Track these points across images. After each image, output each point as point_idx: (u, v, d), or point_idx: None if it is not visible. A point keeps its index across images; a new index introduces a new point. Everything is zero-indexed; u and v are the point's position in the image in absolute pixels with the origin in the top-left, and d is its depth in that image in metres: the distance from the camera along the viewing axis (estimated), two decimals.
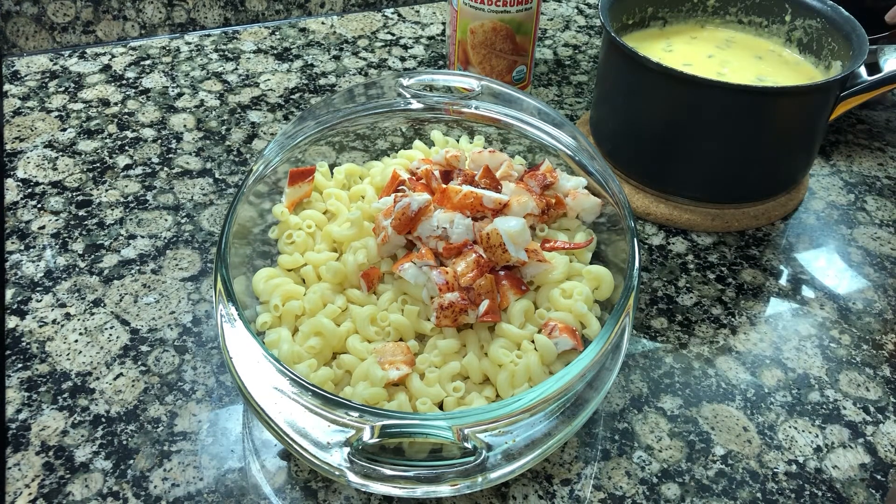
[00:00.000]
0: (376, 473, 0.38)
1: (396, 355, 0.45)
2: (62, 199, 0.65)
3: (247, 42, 0.86)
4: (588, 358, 0.41)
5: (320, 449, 0.39)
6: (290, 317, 0.49)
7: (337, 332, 0.47)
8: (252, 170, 0.52)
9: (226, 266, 0.45)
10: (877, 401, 0.53)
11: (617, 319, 0.43)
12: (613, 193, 0.52)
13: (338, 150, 0.64)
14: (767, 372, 0.54)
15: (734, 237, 0.65)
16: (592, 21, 0.95)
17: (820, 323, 0.58)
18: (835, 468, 0.49)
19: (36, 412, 0.49)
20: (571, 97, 0.80)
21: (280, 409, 0.40)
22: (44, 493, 0.45)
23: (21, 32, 0.81)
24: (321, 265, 0.51)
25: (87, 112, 0.74)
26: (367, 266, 0.50)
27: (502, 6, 0.69)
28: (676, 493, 0.47)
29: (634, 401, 0.52)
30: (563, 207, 0.55)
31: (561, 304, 0.49)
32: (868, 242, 0.65)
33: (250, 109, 0.76)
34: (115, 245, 0.61)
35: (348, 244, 0.52)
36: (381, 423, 0.38)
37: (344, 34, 0.89)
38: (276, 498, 0.45)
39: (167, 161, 0.69)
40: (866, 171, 0.73)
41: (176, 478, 0.46)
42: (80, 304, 0.56)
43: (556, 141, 0.56)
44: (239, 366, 0.41)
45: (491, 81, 0.58)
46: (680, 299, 0.59)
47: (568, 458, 0.48)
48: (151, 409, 0.49)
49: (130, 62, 0.82)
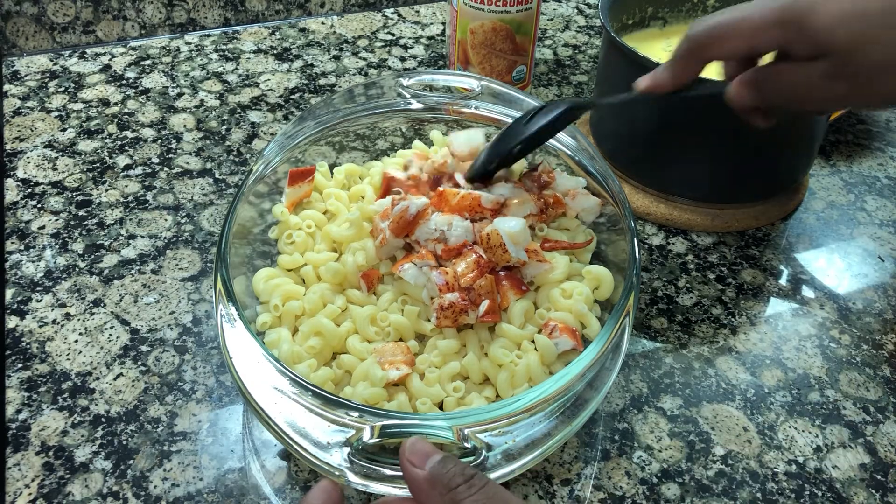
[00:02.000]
0: (376, 473, 0.38)
1: (396, 355, 0.45)
2: (62, 199, 0.65)
3: (247, 42, 0.86)
4: (588, 358, 0.41)
5: (320, 449, 0.39)
6: (290, 317, 0.49)
7: (337, 332, 0.47)
8: (252, 170, 0.52)
9: (226, 266, 0.45)
10: (877, 401, 0.53)
11: (617, 319, 0.43)
12: (613, 193, 0.52)
13: (338, 150, 0.64)
14: (767, 372, 0.54)
15: (734, 237, 0.65)
16: (592, 21, 0.95)
17: (820, 323, 0.58)
18: (835, 468, 0.49)
19: (36, 412, 0.49)
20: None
21: (280, 409, 0.40)
22: (44, 493, 0.45)
23: (21, 32, 0.81)
24: (321, 265, 0.51)
25: (87, 112, 0.74)
26: (367, 267, 0.50)
27: (502, 6, 0.69)
28: (676, 493, 0.47)
29: (634, 401, 0.52)
30: (562, 207, 0.55)
31: (561, 304, 0.49)
32: (868, 242, 0.65)
33: (250, 109, 0.76)
34: (115, 245, 0.61)
35: (347, 245, 0.52)
36: (380, 423, 0.38)
37: (344, 34, 0.89)
38: (276, 498, 0.45)
39: (167, 161, 0.69)
40: (866, 171, 0.73)
41: (176, 478, 0.46)
42: (80, 304, 0.56)
43: (556, 141, 0.56)
44: (239, 366, 0.41)
45: (491, 81, 0.58)
46: (680, 299, 0.59)
47: (568, 458, 0.48)
48: (151, 409, 0.49)
49: (130, 62, 0.82)
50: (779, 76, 0.44)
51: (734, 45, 0.45)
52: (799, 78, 0.43)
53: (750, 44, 0.45)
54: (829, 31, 0.40)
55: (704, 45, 0.46)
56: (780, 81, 0.44)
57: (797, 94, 0.44)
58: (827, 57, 0.41)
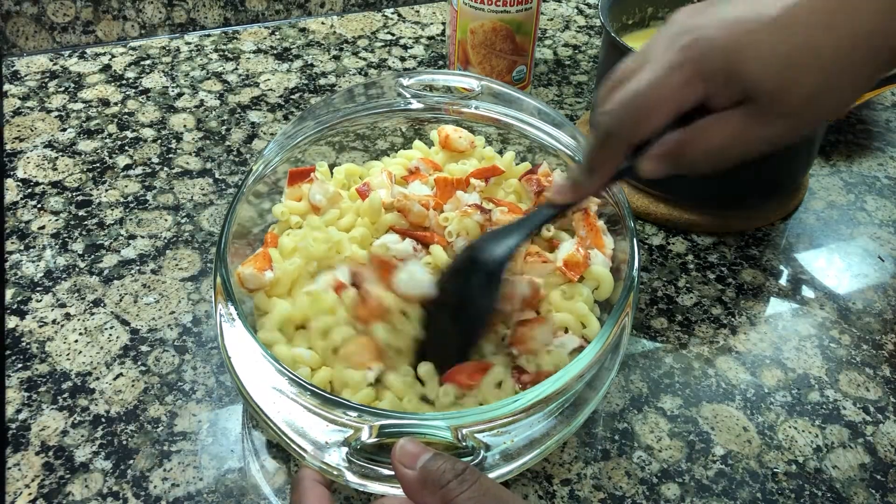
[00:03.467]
0: (374, 473, 0.38)
1: (363, 354, 0.45)
2: (62, 199, 0.65)
3: (247, 42, 0.86)
4: (587, 358, 0.41)
5: (318, 449, 0.39)
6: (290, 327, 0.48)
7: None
8: (252, 170, 0.52)
9: (225, 265, 0.45)
10: (877, 401, 0.53)
11: (616, 319, 0.43)
12: (613, 193, 0.52)
13: (338, 150, 0.64)
14: (767, 372, 0.54)
15: (734, 237, 0.65)
16: (592, 21, 0.95)
17: (820, 323, 0.58)
18: (835, 468, 0.48)
19: (36, 412, 0.49)
20: (571, 97, 0.80)
21: (278, 408, 0.40)
22: (44, 493, 0.45)
23: (21, 32, 0.81)
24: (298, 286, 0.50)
25: (87, 112, 0.74)
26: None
27: (502, 6, 0.69)
28: (676, 493, 0.47)
29: (634, 401, 0.52)
30: None
31: (561, 304, 0.49)
32: (868, 242, 0.65)
33: (250, 109, 0.76)
34: (115, 245, 0.61)
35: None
36: (379, 422, 0.38)
37: (344, 34, 0.89)
38: (276, 498, 0.45)
39: (167, 161, 0.69)
40: (866, 171, 0.73)
41: (176, 478, 0.46)
42: (80, 304, 0.56)
43: (556, 141, 0.56)
44: (238, 365, 0.41)
45: (491, 81, 0.58)
46: (680, 299, 0.59)
47: (568, 458, 0.48)
48: (151, 409, 0.49)
49: (130, 62, 0.82)
50: (704, 135, 0.38)
51: (659, 117, 0.39)
52: (726, 130, 0.38)
53: (676, 109, 0.38)
54: (759, 77, 0.36)
55: (625, 132, 0.40)
56: (706, 140, 0.38)
57: (726, 148, 0.39)
58: (752, 100, 0.37)
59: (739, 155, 0.39)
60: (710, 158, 0.39)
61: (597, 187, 0.43)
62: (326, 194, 0.53)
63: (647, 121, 0.39)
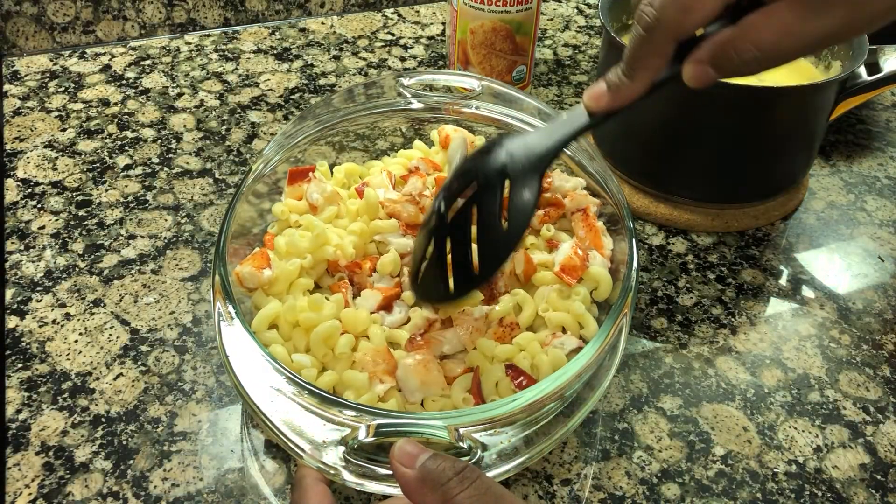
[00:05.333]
0: (372, 472, 0.38)
1: (378, 364, 0.45)
2: (62, 199, 0.65)
3: (247, 42, 0.86)
4: (585, 358, 0.41)
5: (316, 448, 0.39)
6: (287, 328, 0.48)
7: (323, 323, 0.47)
8: (252, 169, 0.52)
9: (224, 265, 0.45)
10: (877, 401, 0.53)
11: (614, 319, 0.43)
12: (613, 193, 0.52)
13: (338, 149, 0.64)
14: (767, 372, 0.54)
15: (734, 237, 0.65)
16: (592, 21, 0.94)
17: (820, 323, 0.58)
18: (835, 468, 0.48)
19: (36, 412, 0.49)
20: (571, 97, 0.80)
21: (276, 407, 0.40)
22: (44, 493, 0.45)
23: (21, 32, 0.81)
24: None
25: (87, 112, 0.74)
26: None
27: (502, 6, 0.69)
28: (676, 494, 0.47)
29: (634, 401, 0.52)
30: (562, 208, 0.55)
31: (559, 304, 0.49)
32: (868, 242, 0.65)
33: (250, 109, 0.76)
34: (115, 245, 0.61)
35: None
36: (376, 422, 0.38)
37: (344, 34, 0.89)
38: (276, 498, 0.45)
39: (167, 161, 0.69)
40: (866, 171, 0.73)
41: (176, 478, 0.46)
42: (80, 304, 0.56)
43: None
44: (236, 364, 0.41)
45: (491, 81, 0.58)
46: (680, 299, 0.59)
47: (568, 458, 0.48)
48: (151, 409, 0.49)
49: (130, 62, 0.82)
50: (754, 31, 0.35)
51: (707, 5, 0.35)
52: (779, 24, 0.34)
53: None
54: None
55: (670, 23, 0.36)
56: (756, 37, 0.35)
57: (778, 44, 0.35)
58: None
59: (793, 52, 0.35)
60: (761, 57, 0.35)
61: (638, 91, 0.39)
62: (324, 193, 0.53)
63: (694, 9, 0.35)
